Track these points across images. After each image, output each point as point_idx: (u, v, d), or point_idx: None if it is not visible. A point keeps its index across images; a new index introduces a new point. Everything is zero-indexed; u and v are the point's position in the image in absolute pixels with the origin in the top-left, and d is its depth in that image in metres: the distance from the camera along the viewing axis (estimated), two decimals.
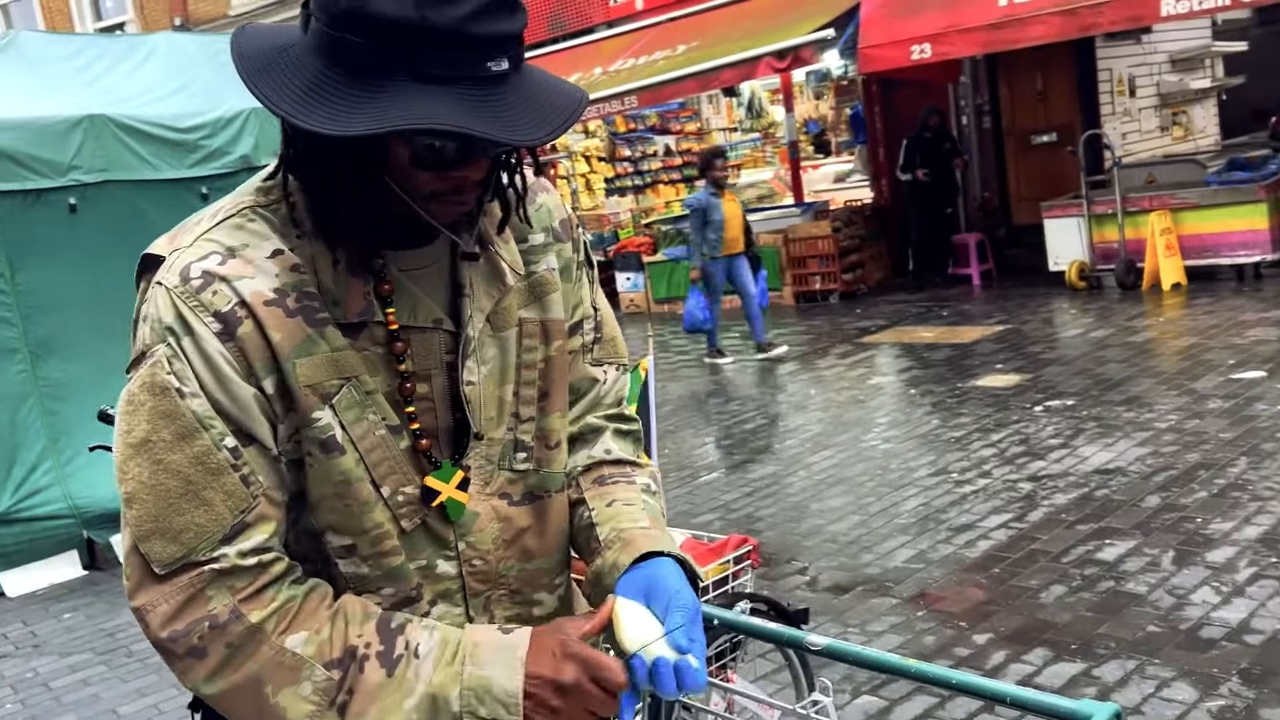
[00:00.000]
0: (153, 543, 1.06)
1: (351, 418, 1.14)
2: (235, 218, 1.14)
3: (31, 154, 5.83)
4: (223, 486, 1.07)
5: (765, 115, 16.78)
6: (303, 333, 1.11)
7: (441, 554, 1.22)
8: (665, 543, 1.22)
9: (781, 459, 6.18)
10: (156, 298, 1.09)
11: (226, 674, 1.07)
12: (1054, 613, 3.83)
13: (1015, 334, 8.53)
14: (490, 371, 1.23)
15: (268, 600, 1.08)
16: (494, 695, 1.08)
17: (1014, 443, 5.83)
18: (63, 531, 5.82)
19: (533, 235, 1.30)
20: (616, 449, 1.36)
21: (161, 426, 1.06)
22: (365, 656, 1.09)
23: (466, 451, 1.22)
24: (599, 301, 1.40)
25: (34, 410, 5.84)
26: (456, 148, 1.06)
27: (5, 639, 5.04)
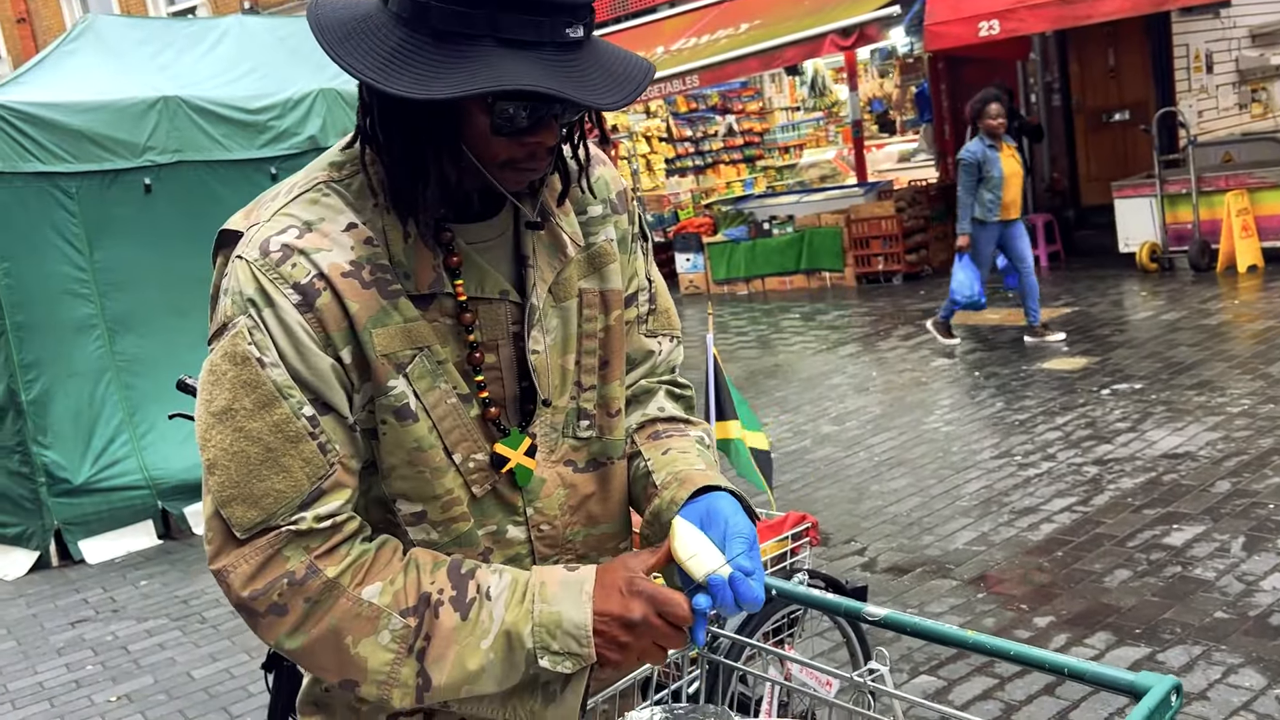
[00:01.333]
0: (234, 508, 1.10)
1: (424, 386, 1.17)
2: (310, 192, 1.17)
3: (109, 135, 6.00)
4: (301, 454, 1.10)
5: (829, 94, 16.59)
6: (378, 304, 1.14)
7: (511, 519, 1.25)
8: (719, 480, 1.25)
9: (841, 440, 6.15)
10: (237, 271, 1.13)
11: (307, 628, 1.10)
12: (1118, 597, 3.77)
13: (1083, 316, 8.37)
14: (553, 341, 1.25)
15: (342, 556, 1.12)
16: (565, 629, 1.12)
17: (1080, 426, 5.73)
18: (139, 502, 6.01)
19: (591, 207, 1.32)
20: (670, 407, 1.39)
21: (243, 395, 1.10)
22: (440, 602, 1.12)
23: (533, 419, 1.25)
24: (653, 273, 1.42)
25: (112, 384, 6.03)
26: (534, 113, 1.08)
27: (86, 603, 5.23)
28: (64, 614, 5.12)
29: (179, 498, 6.09)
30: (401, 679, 1.11)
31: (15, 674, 4.51)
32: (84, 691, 4.23)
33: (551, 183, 1.26)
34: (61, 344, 5.87)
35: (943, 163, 12.50)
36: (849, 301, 10.70)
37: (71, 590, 5.44)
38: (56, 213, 5.86)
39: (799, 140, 15.97)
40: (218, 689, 4.07)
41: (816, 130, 16.07)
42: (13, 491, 5.98)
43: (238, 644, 4.47)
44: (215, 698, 4.00)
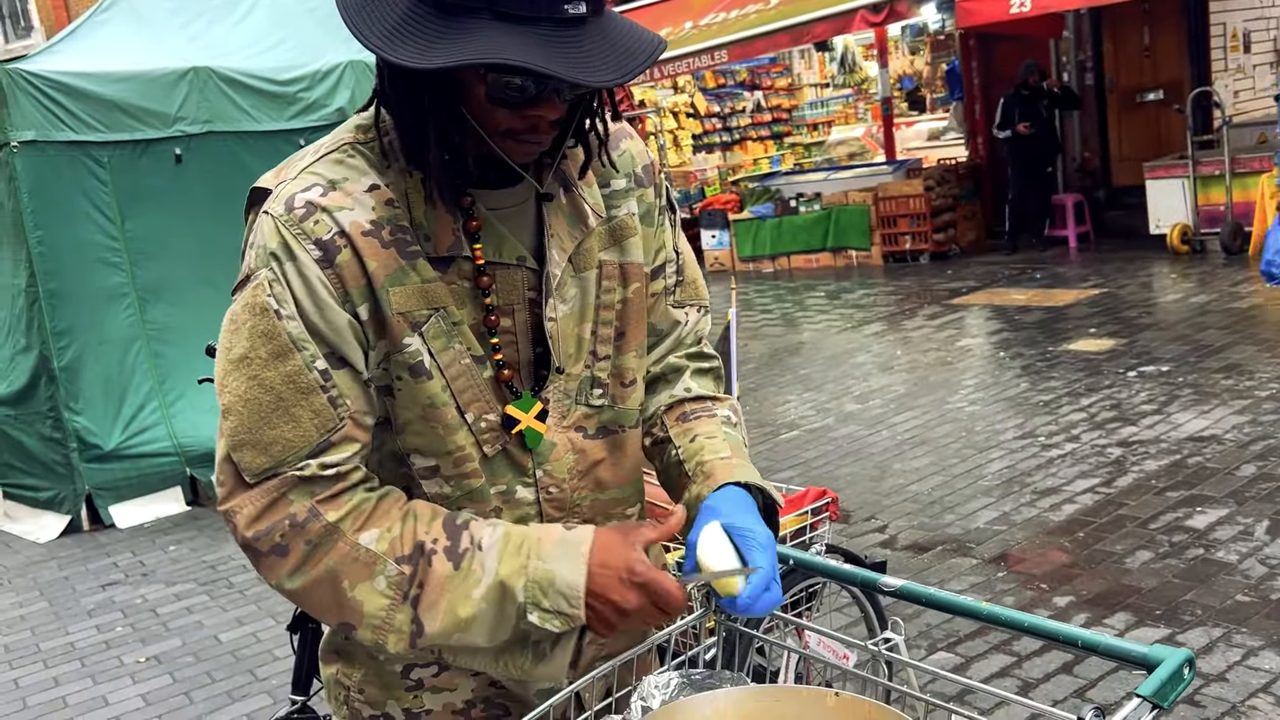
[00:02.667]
0: (244, 452, 1.13)
1: (439, 346, 1.19)
2: (335, 153, 1.20)
3: (140, 105, 6.05)
4: (311, 405, 1.13)
5: (858, 71, 16.46)
6: (396, 263, 1.16)
7: (520, 480, 1.27)
8: (743, 471, 1.27)
9: (864, 419, 6.15)
10: (262, 225, 1.16)
11: (307, 569, 1.14)
12: (1139, 578, 3.77)
13: (1111, 298, 8.30)
14: (570, 310, 1.27)
15: (344, 502, 1.15)
16: (557, 588, 1.15)
17: (1105, 408, 5.70)
18: (168, 468, 6.10)
19: (615, 180, 1.33)
20: (696, 386, 1.40)
21: (259, 345, 1.13)
22: (433, 551, 1.15)
23: (546, 384, 1.27)
24: (680, 245, 1.43)
25: (142, 353, 6.11)
26: (531, 86, 1.09)
27: (116, 567, 5.33)
28: (94, 577, 5.22)
29: (207, 465, 6.17)
30: (396, 624, 1.14)
31: (47, 634, 4.60)
32: (114, 652, 4.31)
33: (574, 154, 1.27)
34: (93, 312, 5.95)
35: (973, 141, 12.39)
36: (875, 280, 10.65)
37: (102, 554, 5.54)
38: (88, 182, 5.93)
39: (827, 117, 15.86)
40: (244, 652, 4.15)
41: (845, 107, 15.96)
42: (45, 456, 6.08)
43: (264, 609, 4.55)
44: (241, 660, 4.07)
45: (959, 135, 13.27)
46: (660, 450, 1.38)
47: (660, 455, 1.38)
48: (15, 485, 6.42)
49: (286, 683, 3.81)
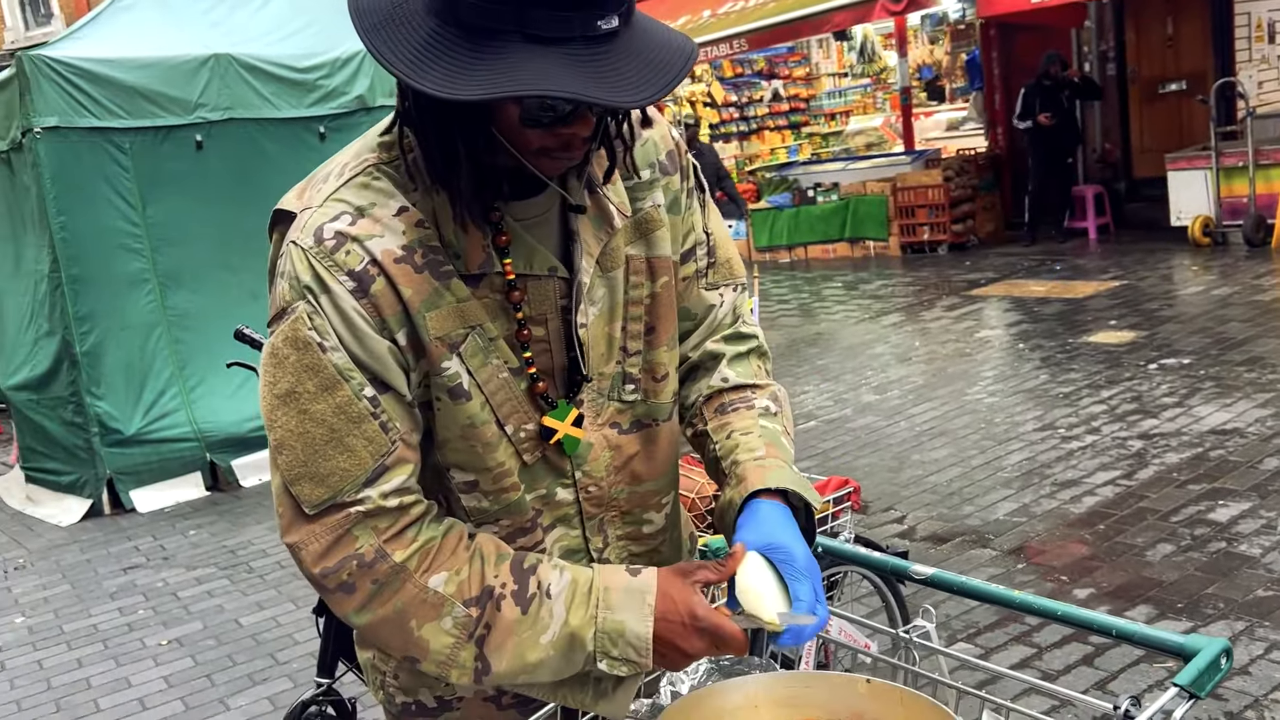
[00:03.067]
0: (302, 485, 1.12)
1: (477, 364, 1.18)
2: (361, 176, 1.17)
3: (161, 92, 6.07)
4: (364, 433, 1.12)
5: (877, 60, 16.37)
6: (430, 286, 1.15)
7: (560, 483, 1.28)
8: (776, 475, 1.24)
9: (882, 410, 6.13)
10: (292, 257, 1.14)
11: (374, 607, 1.14)
12: (1160, 571, 3.75)
13: (1131, 290, 8.24)
14: (600, 311, 1.26)
15: (409, 540, 1.14)
16: (626, 639, 1.15)
17: (1125, 400, 5.67)
18: (188, 454, 6.14)
19: (640, 172, 1.30)
20: (734, 375, 1.37)
21: (306, 379, 1.12)
22: (502, 596, 1.16)
23: (580, 389, 1.26)
24: (712, 224, 1.39)
25: (162, 338, 6.14)
26: (565, 106, 1.07)
27: (137, 551, 5.37)
28: (116, 560, 5.26)
29: (227, 450, 6.21)
30: (460, 661, 1.15)
31: (71, 616, 4.65)
32: (136, 634, 4.35)
33: (599, 157, 1.25)
34: (115, 297, 5.99)
35: (992, 132, 12.31)
36: (893, 271, 10.61)
37: (123, 538, 5.58)
38: (110, 168, 5.95)
39: (845, 107, 15.79)
40: (264, 636, 4.18)
41: (864, 97, 15.88)
42: (67, 440, 6.13)
43: (284, 593, 4.57)
44: (262, 644, 4.10)
45: (978, 125, 13.20)
46: (701, 443, 1.36)
47: (702, 449, 1.36)
48: (38, 469, 6.48)
49: (307, 667, 3.83)
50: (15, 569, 5.34)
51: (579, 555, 1.31)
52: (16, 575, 5.25)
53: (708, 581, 1.18)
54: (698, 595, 1.16)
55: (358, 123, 6.59)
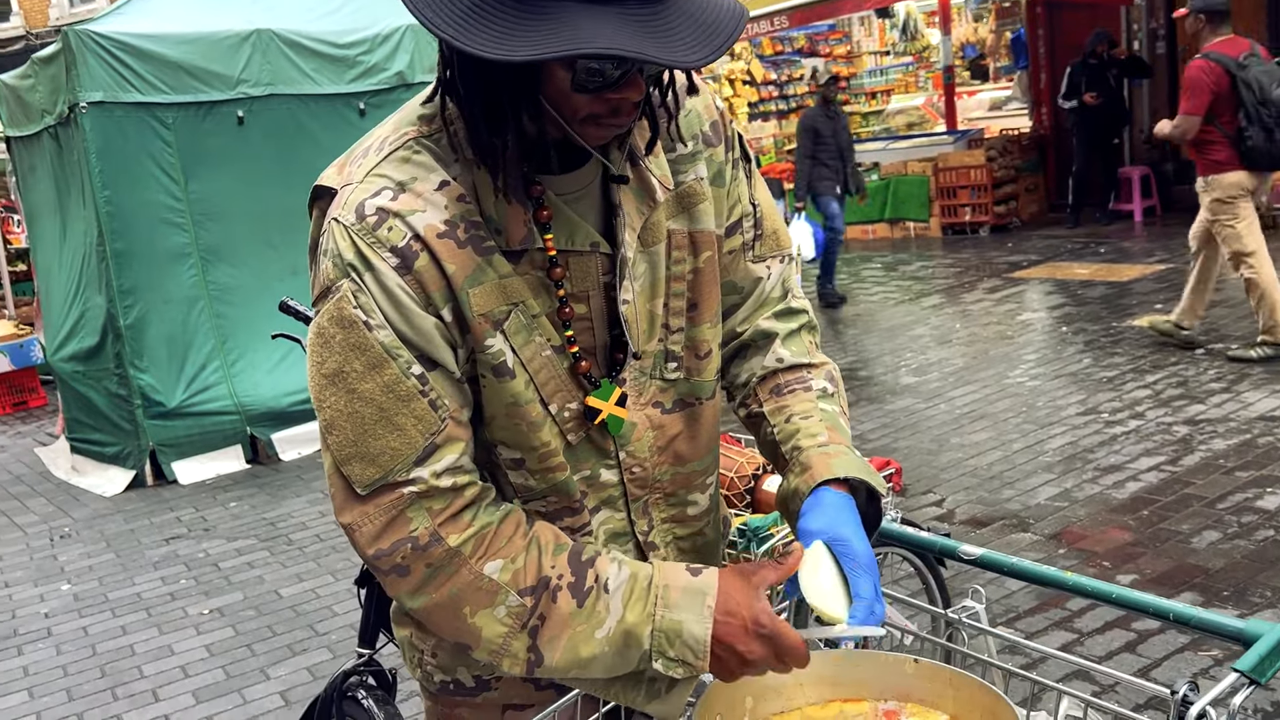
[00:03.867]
0: (353, 466, 1.11)
1: (520, 341, 1.17)
2: (401, 150, 1.15)
3: (203, 67, 6.11)
4: (413, 411, 1.11)
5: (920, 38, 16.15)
6: (473, 262, 1.13)
7: (604, 464, 1.26)
8: (841, 463, 1.21)
9: (922, 392, 6.07)
10: (334, 235, 1.12)
11: (428, 591, 1.13)
12: (1206, 558, 3.69)
13: (1178, 273, 8.08)
14: (641, 287, 1.23)
15: (464, 524, 1.13)
16: (684, 640, 1.13)
17: (1171, 385, 5.57)
18: (228, 427, 6.21)
19: (685, 141, 1.27)
20: (789, 355, 1.34)
21: (353, 358, 1.10)
22: (558, 587, 1.14)
23: (623, 367, 1.24)
24: (758, 195, 1.35)
25: (204, 312, 6.20)
26: (616, 70, 1.04)
27: (179, 521, 5.44)
28: (159, 530, 5.33)
29: (267, 424, 6.27)
30: (512, 651, 1.14)
31: (115, 584, 4.72)
32: (178, 603, 4.41)
33: (640, 127, 1.22)
34: (158, 271, 6.05)
35: (1037, 111, 12.11)
36: (933, 252, 10.50)
37: (165, 508, 5.66)
38: (154, 143, 6.00)
39: (887, 85, 15.60)
40: (304, 607, 4.22)
41: (905, 75, 15.68)
42: (112, 412, 6.22)
43: (323, 566, 4.62)
44: (302, 615, 4.15)
45: (1022, 105, 12.99)
46: (756, 425, 1.33)
47: (756, 430, 1.34)
48: (83, 440, 6.58)
49: (346, 638, 3.87)
50: (61, 537, 5.44)
51: (624, 539, 1.30)
52: (62, 543, 5.34)
53: (770, 583, 1.15)
54: (762, 600, 1.13)
55: (398, 99, 6.59)
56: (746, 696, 1.23)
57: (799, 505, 1.20)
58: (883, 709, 1.23)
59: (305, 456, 6.29)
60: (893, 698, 1.24)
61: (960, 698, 1.19)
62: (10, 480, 6.64)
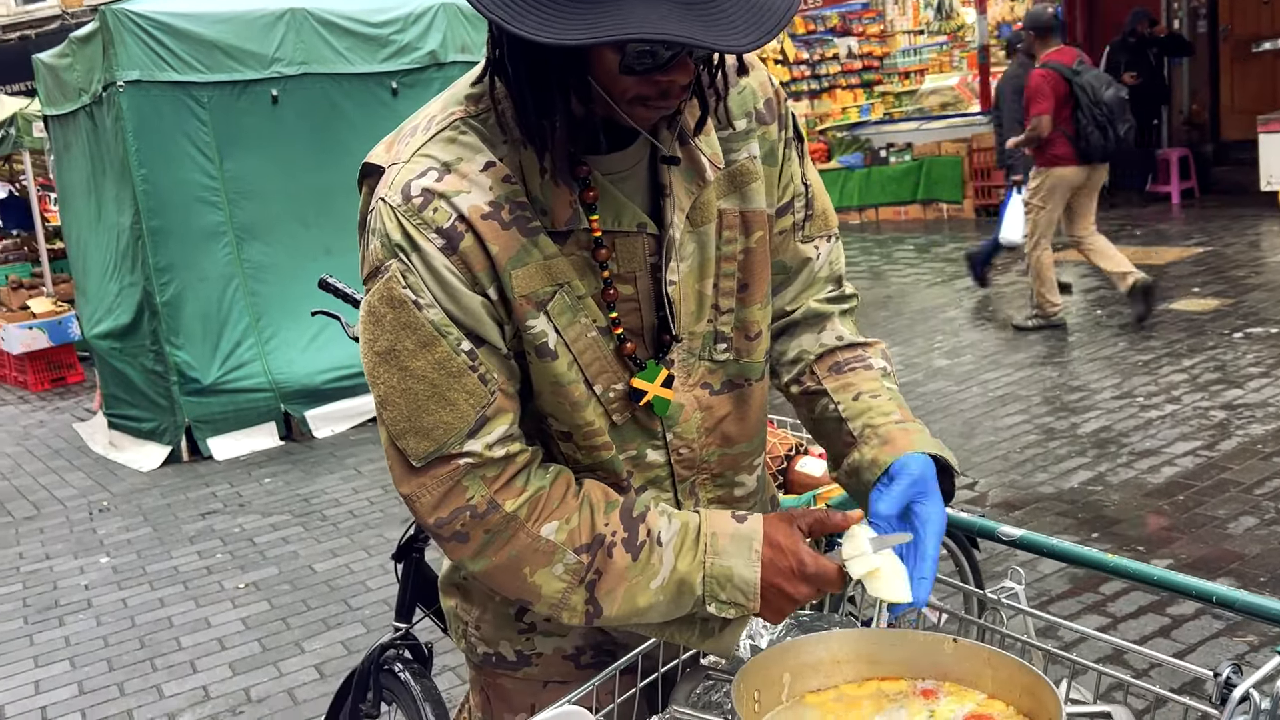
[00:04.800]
0: (407, 440, 1.14)
1: (565, 322, 1.17)
2: (448, 130, 1.16)
3: (238, 46, 6.14)
4: (464, 387, 1.13)
5: (955, 17, 15.95)
6: (518, 243, 1.13)
7: (650, 443, 1.27)
8: (918, 439, 1.24)
9: (954, 375, 6.04)
10: (382, 214, 1.13)
11: (488, 555, 1.17)
12: (1242, 544, 3.65)
13: (1216, 257, 7.98)
14: (689, 267, 1.23)
15: (518, 489, 1.16)
16: (734, 584, 1.17)
17: (1208, 369, 5.51)
18: (262, 404, 6.28)
19: (735, 121, 1.26)
20: (846, 334, 1.35)
21: (404, 336, 1.12)
22: (613, 544, 1.18)
23: (669, 349, 1.24)
24: (809, 175, 1.35)
25: (239, 290, 6.26)
26: (666, 53, 1.04)
27: (214, 497, 5.51)
28: (194, 505, 5.41)
29: (300, 401, 6.33)
30: (571, 604, 1.18)
31: (153, 557, 4.80)
32: (214, 577, 4.48)
33: (690, 106, 1.21)
34: (193, 249, 6.11)
35: None
36: (967, 234, 10.40)
37: (201, 484, 5.74)
38: (190, 122, 6.05)
39: (920, 65, 15.43)
40: (338, 582, 4.27)
41: (940, 55, 15.50)
42: (148, 388, 6.30)
43: (356, 542, 4.67)
44: (336, 590, 4.20)
45: None
46: (811, 401, 1.33)
47: (811, 406, 1.34)
48: (120, 415, 6.68)
49: (379, 613, 3.92)
50: (100, 511, 5.53)
51: None
52: (101, 517, 5.43)
53: (813, 530, 1.19)
54: (804, 543, 1.18)
55: (430, 79, 6.61)
56: (784, 673, 1.24)
57: (875, 475, 1.22)
58: (920, 688, 1.23)
59: (339, 434, 6.35)
60: (930, 677, 1.24)
61: (999, 677, 1.19)
62: (49, 454, 6.75)
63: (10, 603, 4.48)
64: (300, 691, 3.46)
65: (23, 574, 4.78)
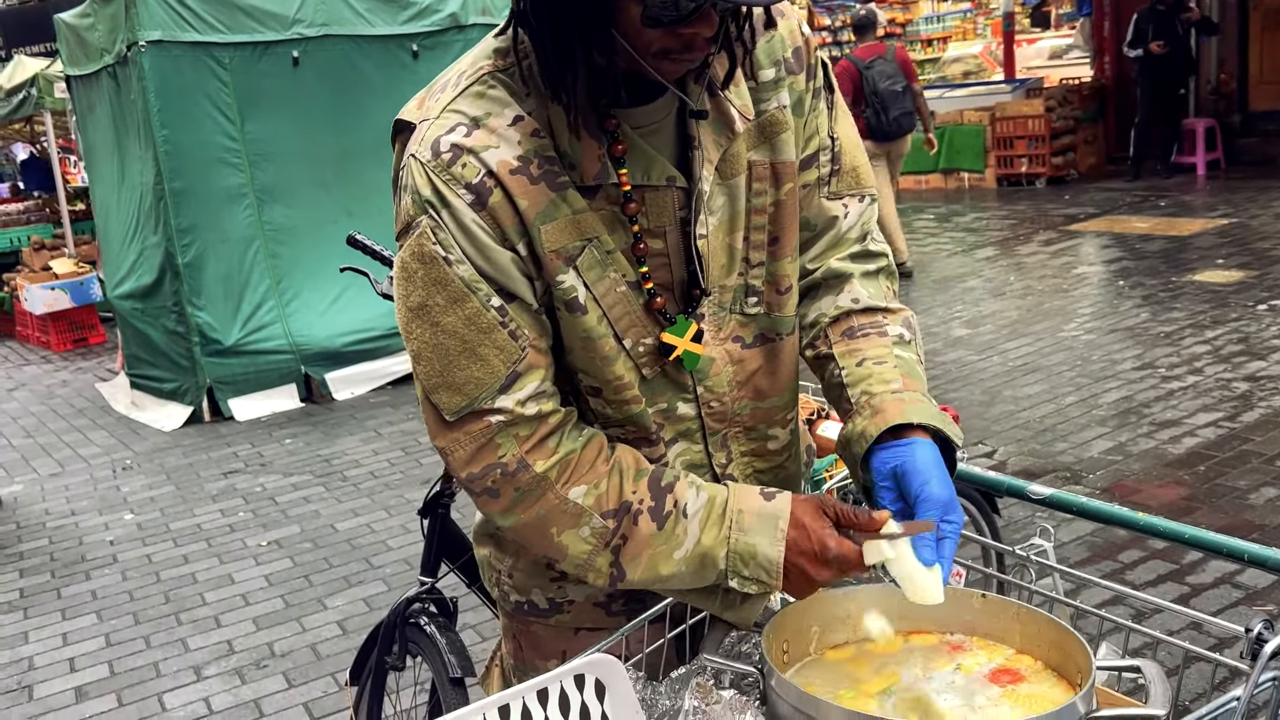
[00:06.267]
0: (440, 394, 1.15)
1: (594, 277, 1.17)
2: (477, 85, 1.15)
3: (259, 6, 6.12)
4: (494, 342, 1.14)
5: None
6: (546, 198, 1.13)
7: (680, 397, 1.26)
8: (915, 409, 1.19)
9: (974, 344, 6.02)
10: (413, 170, 1.13)
11: (517, 512, 1.18)
12: (1263, 514, 3.65)
13: (1241, 228, 7.90)
14: (719, 220, 1.22)
15: (550, 451, 1.17)
16: (758, 561, 1.17)
17: (1231, 341, 5.47)
18: (283, 366, 6.31)
19: (763, 71, 1.24)
20: (865, 296, 1.31)
21: (435, 292, 1.13)
22: (639, 511, 1.18)
23: (699, 303, 1.23)
24: (838, 129, 1.31)
25: (260, 252, 6.28)
26: (691, 3, 1.03)
27: (236, 457, 5.56)
28: (216, 465, 5.46)
29: (321, 363, 6.37)
30: (596, 566, 1.19)
31: (176, 515, 4.85)
32: (237, 535, 4.53)
33: (720, 58, 1.20)
34: (215, 211, 6.13)
35: (1099, 60, 11.80)
36: (988, 204, 10.33)
37: (223, 444, 5.79)
38: (211, 83, 6.05)
39: (943, 33, 15.27)
40: (359, 541, 4.32)
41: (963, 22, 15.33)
42: (170, 349, 6.34)
43: (377, 502, 4.71)
44: (357, 549, 4.24)
45: (1084, 54, 12.66)
46: (822, 366, 1.32)
47: (822, 371, 1.32)
48: (142, 376, 6.73)
49: (400, 572, 3.96)
50: (124, 469, 5.59)
51: (702, 470, 1.30)
52: (125, 475, 5.49)
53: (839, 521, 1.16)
54: (830, 529, 1.16)
55: (451, 41, 6.57)
56: (813, 625, 1.25)
57: (863, 448, 1.19)
58: (948, 641, 1.24)
59: (359, 396, 6.39)
60: (959, 631, 1.25)
61: (1027, 632, 1.20)
62: (73, 414, 6.82)
63: (38, 556, 4.54)
64: (323, 647, 3.51)
65: (49, 529, 4.85)
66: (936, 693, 1.14)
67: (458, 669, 2.14)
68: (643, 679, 1.20)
